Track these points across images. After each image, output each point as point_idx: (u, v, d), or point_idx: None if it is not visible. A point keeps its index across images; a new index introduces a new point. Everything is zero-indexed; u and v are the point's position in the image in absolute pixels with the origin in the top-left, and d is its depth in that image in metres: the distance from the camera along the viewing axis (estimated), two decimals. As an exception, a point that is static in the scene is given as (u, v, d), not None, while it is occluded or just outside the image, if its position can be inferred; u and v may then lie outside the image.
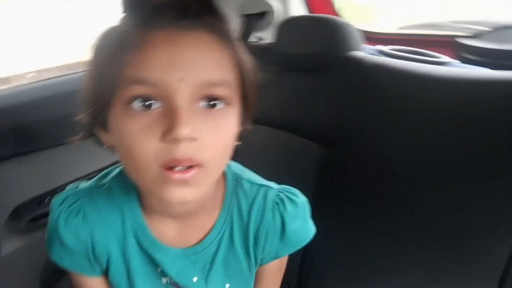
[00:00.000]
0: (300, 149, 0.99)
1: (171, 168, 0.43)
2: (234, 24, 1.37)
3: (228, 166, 0.60)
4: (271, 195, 0.59)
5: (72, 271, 0.59)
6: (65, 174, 1.16)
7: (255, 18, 1.31)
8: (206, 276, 0.58)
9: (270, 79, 1.17)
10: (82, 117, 0.50)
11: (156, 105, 0.42)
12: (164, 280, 0.58)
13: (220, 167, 0.49)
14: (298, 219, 0.60)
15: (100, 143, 0.52)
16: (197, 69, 0.42)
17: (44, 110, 1.12)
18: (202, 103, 0.44)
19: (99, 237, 0.55)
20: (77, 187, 0.57)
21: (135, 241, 0.56)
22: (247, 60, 0.50)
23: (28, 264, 1.12)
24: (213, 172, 0.48)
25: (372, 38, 1.28)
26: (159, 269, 0.57)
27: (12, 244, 1.06)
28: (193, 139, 0.42)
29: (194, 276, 0.57)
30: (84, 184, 0.58)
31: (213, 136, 0.44)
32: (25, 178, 1.10)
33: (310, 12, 1.37)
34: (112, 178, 0.57)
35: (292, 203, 0.59)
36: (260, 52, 1.18)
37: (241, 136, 0.53)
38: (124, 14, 0.47)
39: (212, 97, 0.44)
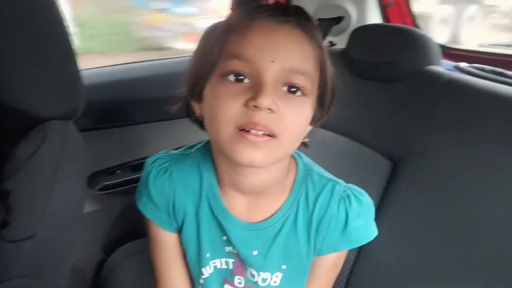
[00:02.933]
0: (364, 159, 0.99)
1: (246, 131, 0.48)
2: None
3: (301, 157, 0.66)
4: (339, 189, 0.62)
5: (152, 221, 0.66)
6: (136, 151, 1.25)
7: (330, 23, 1.31)
8: (266, 252, 0.62)
9: (339, 84, 1.18)
10: (181, 91, 0.58)
11: (246, 80, 0.50)
12: (227, 249, 0.64)
13: (291, 145, 0.53)
14: (361, 217, 0.62)
15: (191, 118, 0.61)
16: (286, 55, 0.49)
17: (123, 91, 1.22)
18: (284, 88, 0.50)
19: (179, 196, 0.63)
20: (167, 152, 0.66)
21: (208, 206, 0.62)
22: (330, 65, 0.57)
23: (94, 228, 1.22)
24: (284, 147, 0.52)
25: (450, 53, 1.23)
26: (224, 237, 0.63)
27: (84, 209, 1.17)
28: (271, 111, 0.48)
29: (255, 250, 0.62)
30: (173, 151, 0.67)
31: (289, 113, 0.50)
32: (100, 150, 1.20)
33: (386, 21, 1.35)
34: (197, 149, 0.66)
35: (358, 201, 0.62)
36: (331, 56, 1.19)
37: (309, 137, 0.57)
38: (231, 11, 0.54)
39: (294, 85, 0.50)
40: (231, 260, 0.65)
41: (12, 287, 0.48)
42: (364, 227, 0.63)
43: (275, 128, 0.49)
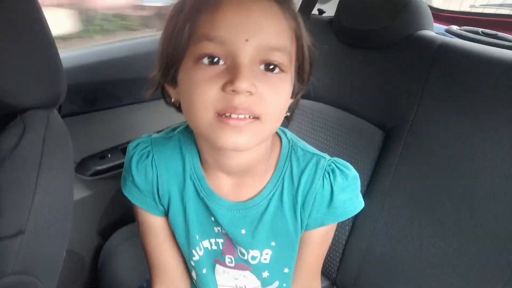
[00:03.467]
0: (355, 130, 0.98)
1: (227, 116, 0.47)
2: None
3: (285, 133, 0.64)
4: (323, 163, 0.61)
5: (139, 206, 0.66)
6: (126, 134, 1.22)
7: (318, -10, 1.27)
8: (254, 230, 0.62)
9: (328, 54, 1.15)
10: (154, 74, 0.55)
11: (221, 62, 0.47)
12: (216, 229, 0.64)
13: (274, 124, 0.52)
14: (347, 190, 0.61)
15: (167, 101, 0.58)
16: (261, 32, 0.47)
17: (113, 71, 1.18)
18: (262, 66, 0.48)
19: (163, 180, 0.62)
20: (149, 136, 0.65)
21: (193, 189, 0.62)
22: (306, 35, 0.54)
23: (88, 214, 1.21)
24: (268, 127, 0.51)
25: (440, 16, 1.20)
26: (212, 218, 0.62)
27: (75, 195, 1.15)
28: (250, 93, 0.46)
29: (243, 229, 0.62)
30: (156, 134, 0.65)
31: (269, 93, 0.48)
32: (91, 134, 1.17)
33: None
34: (179, 131, 0.64)
35: (343, 175, 0.61)
36: (321, 25, 1.16)
37: (295, 109, 0.55)
38: None
39: (270, 62, 0.48)
40: (220, 240, 0.65)
41: (6, 285, 0.47)
42: (350, 200, 0.62)
43: (257, 110, 0.47)
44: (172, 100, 0.57)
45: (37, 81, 0.54)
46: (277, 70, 0.49)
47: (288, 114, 0.57)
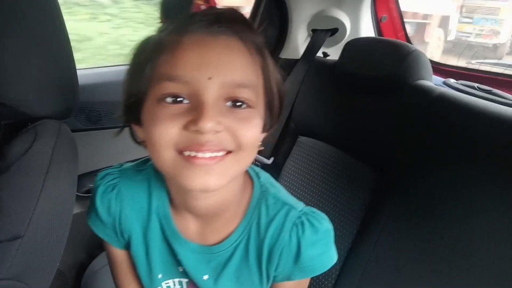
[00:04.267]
0: (352, 169, 1.00)
1: (192, 156, 0.45)
2: (303, 37, 1.40)
3: (258, 176, 0.62)
4: (293, 215, 0.58)
5: (102, 238, 0.65)
6: (124, 154, 1.23)
7: (325, 34, 1.33)
8: (217, 277, 0.59)
9: (330, 95, 1.19)
10: (120, 114, 0.54)
11: (186, 101, 0.46)
12: (180, 268, 0.61)
13: (247, 159, 0.50)
14: (316, 246, 0.58)
15: (134, 139, 0.56)
16: (225, 69, 0.46)
17: (113, 93, 1.21)
18: (229, 103, 0.47)
19: (126, 215, 0.60)
20: (120, 166, 0.63)
21: (159, 226, 0.60)
22: (274, 69, 0.53)
23: (77, 231, 1.19)
24: (241, 161, 0.49)
25: (438, 69, 1.26)
26: (177, 257, 0.60)
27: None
28: (216, 132, 0.45)
29: (206, 274, 0.60)
30: (126, 166, 0.64)
31: (238, 127, 0.46)
32: (88, 152, 1.17)
33: (379, 35, 1.37)
34: (150, 165, 0.62)
35: (313, 229, 0.57)
36: (325, 68, 1.21)
37: (295, 146, 0.54)
38: (161, 23, 0.52)
39: (237, 99, 0.47)
40: (184, 280, 0.62)
41: (-3, 289, 0.46)
42: (319, 256, 0.59)
43: (228, 144, 0.46)
44: (138, 139, 0.55)
45: (52, 92, 0.56)
46: (244, 106, 0.47)
47: (262, 148, 0.55)
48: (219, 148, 0.46)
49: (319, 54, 1.34)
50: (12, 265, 0.48)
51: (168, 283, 0.63)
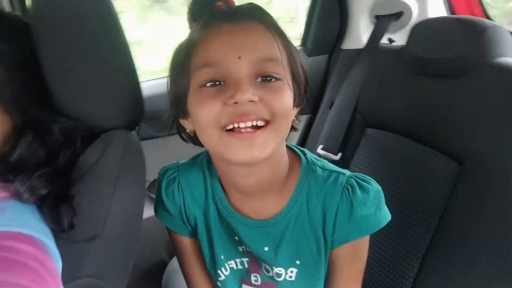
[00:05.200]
0: (426, 161, 0.93)
1: (236, 130, 0.51)
2: (365, 25, 1.34)
3: (304, 153, 0.65)
4: (342, 179, 0.61)
5: (171, 229, 0.71)
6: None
7: (389, 19, 1.26)
8: (276, 248, 0.63)
9: (398, 83, 1.13)
10: (169, 113, 0.62)
11: (222, 83, 0.52)
12: (240, 248, 0.66)
13: (284, 127, 0.55)
14: (367, 204, 0.60)
15: (181, 137, 0.65)
16: (251, 49, 0.52)
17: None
18: (259, 79, 0.52)
19: (188, 203, 0.67)
20: (177, 163, 0.71)
21: (216, 210, 0.65)
22: (295, 48, 0.59)
23: (157, 232, 1.28)
24: (278, 130, 0.53)
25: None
26: (236, 238, 0.65)
27: (146, 213, 1.23)
28: (253, 102, 0.50)
29: (266, 246, 0.63)
30: (182, 161, 0.71)
31: (272, 98, 0.52)
32: (166, 157, 1.25)
33: (451, 13, 1.26)
34: (202, 157, 0.69)
35: (362, 189, 0.60)
36: (391, 54, 1.14)
37: (362, 139, 0.57)
38: (191, 26, 0.59)
39: (266, 74, 0.52)
40: (245, 259, 0.67)
41: (79, 287, 0.51)
42: (373, 215, 0.61)
43: (265, 113, 0.51)
44: (188, 131, 0.61)
45: (119, 105, 0.60)
46: (273, 80, 0.53)
47: (297, 121, 0.62)
48: (257, 117, 0.51)
49: (384, 41, 1.27)
50: (92, 263, 0.53)
51: (231, 263, 0.68)
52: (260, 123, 0.51)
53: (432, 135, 0.94)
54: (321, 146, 1.27)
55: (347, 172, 0.64)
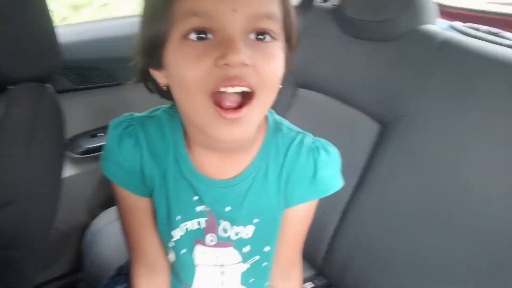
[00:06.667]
0: (353, 122, 0.97)
1: (221, 105, 0.46)
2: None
3: (271, 113, 0.64)
4: (308, 141, 0.62)
5: (122, 187, 0.63)
6: (118, 113, 1.20)
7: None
8: (239, 207, 0.62)
9: (330, 44, 1.14)
10: (136, 60, 0.53)
11: (210, 36, 0.45)
12: (198, 208, 0.62)
13: (270, 99, 0.51)
14: (329, 167, 0.62)
15: (148, 88, 0.57)
16: (248, 1, 0.45)
17: (105, 50, 1.16)
18: (252, 36, 0.47)
19: (147, 160, 0.61)
20: (131, 114, 0.63)
21: (177, 168, 0.61)
22: (291, 5, 0.53)
23: (77, 192, 1.20)
24: (264, 104, 0.50)
25: (447, 12, 1.18)
26: (195, 198, 0.61)
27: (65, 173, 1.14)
28: (244, 65, 0.45)
29: (228, 206, 0.62)
30: (138, 114, 0.63)
31: (264, 63, 0.47)
32: (82, 112, 1.15)
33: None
34: (163, 110, 0.62)
35: (326, 152, 0.62)
36: (324, 14, 1.14)
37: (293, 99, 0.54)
38: None
39: (262, 31, 0.47)
40: (203, 219, 0.64)
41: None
42: (332, 177, 0.63)
43: (253, 81, 0.46)
44: (160, 84, 0.54)
45: (30, 52, 0.52)
46: (268, 38, 0.48)
47: (281, 86, 0.55)
48: (246, 84, 0.46)
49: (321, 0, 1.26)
50: (3, 233, 0.47)
51: (187, 224, 0.64)
52: (246, 89, 0.46)
53: (359, 97, 0.98)
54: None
55: (310, 134, 0.64)
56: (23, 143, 0.49)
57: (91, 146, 1.14)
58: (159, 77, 0.53)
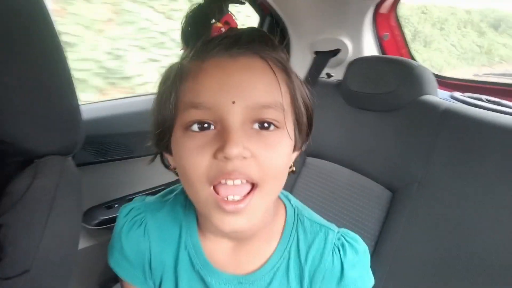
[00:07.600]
0: (364, 190, 0.98)
1: (224, 200, 0.44)
2: (305, 59, 1.42)
3: (289, 199, 0.60)
4: (332, 237, 0.57)
5: (125, 280, 0.60)
6: (134, 185, 1.24)
7: (327, 55, 1.34)
8: None
9: (337, 115, 1.19)
10: (151, 141, 0.54)
11: (212, 127, 0.45)
12: None
13: (275, 188, 0.49)
14: (358, 267, 0.57)
15: (165, 165, 0.56)
16: (247, 92, 0.44)
17: (122, 125, 1.23)
18: (255, 126, 0.46)
19: (156, 250, 0.57)
20: (143, 200, 0.61)
21: (188, 259, 0.57)
22: (301, 85, 0.52)
23: (90, 264, 1.19)
24: (268, 194, 0.47)
25: (445, 83, 1.24)
26: None
27: (79, 244, 1.15)
28: (244, 158, 0.44)
29: None
30: (150, 198, 0.62)
31: (266, 154, 0.45)
32: (100, 184, 1.19)
33: (383, 53, 1.38)
34: (176, 194, 0.60)
35: (353, 250, 0.57)
36: (329, 88, 1.20)
37: (303, 167, 0.52)
38: (183, 50, 0.52)
39: (264, 121, 0.45)
40: None
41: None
42: (361, 278, 0.58)
43: (254, 173, 0.44)
44: (171, 166, 0.54)
45: (56, 128, 0.56)
46: (272, 127, 0.46)
47: (294, 169, 0.54)
48: (245, 176, 0.44)
49: (323, 75, 1.34)
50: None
51: None
52: (247, 187, 0.45)
53: (368, 165, 1.00)
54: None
55: (334, 227, 0.59)
56: (43, 213, 0.51)
57: (106, 217, 1.16)
58: (170, 160, 0.53)
